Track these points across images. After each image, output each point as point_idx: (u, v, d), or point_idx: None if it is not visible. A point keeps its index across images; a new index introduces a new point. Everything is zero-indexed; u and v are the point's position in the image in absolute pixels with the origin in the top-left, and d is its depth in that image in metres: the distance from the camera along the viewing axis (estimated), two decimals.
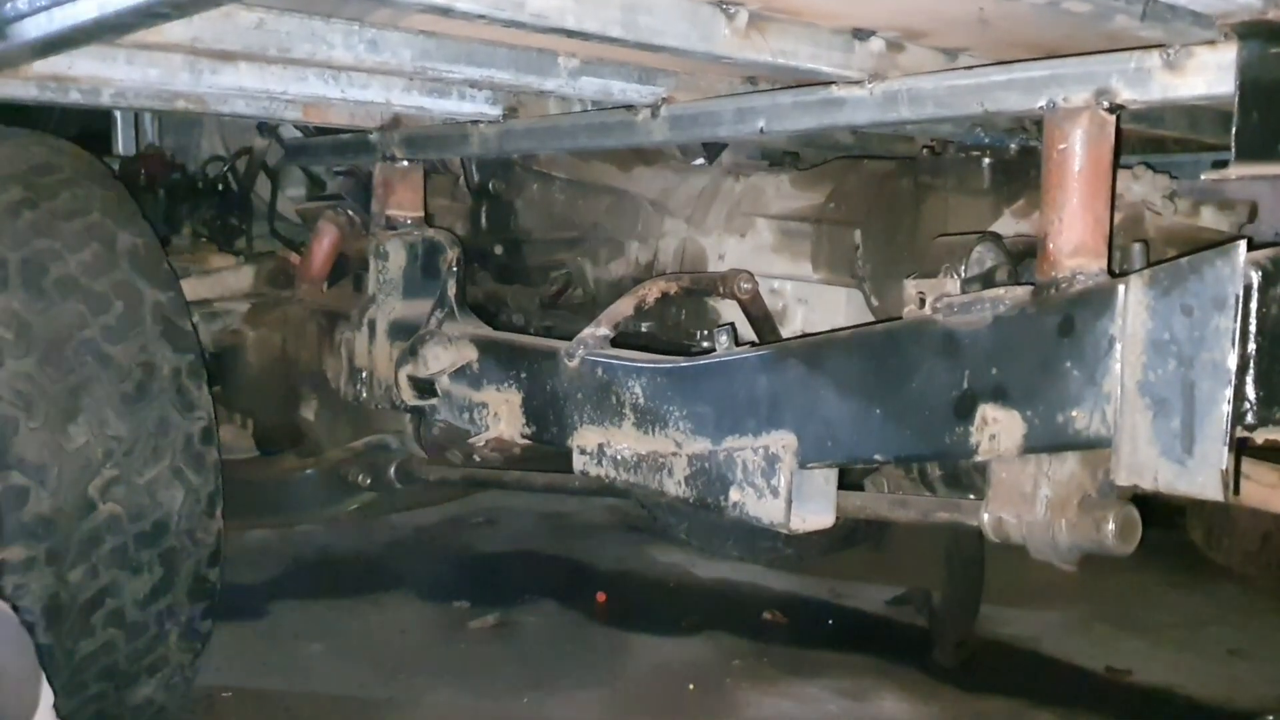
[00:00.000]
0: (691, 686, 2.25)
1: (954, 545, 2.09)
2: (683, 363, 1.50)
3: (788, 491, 1.39)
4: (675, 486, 1.50)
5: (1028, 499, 1.31)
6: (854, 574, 2.84)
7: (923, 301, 1.33)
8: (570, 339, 1.60)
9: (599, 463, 1.59)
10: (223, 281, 2.15)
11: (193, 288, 2.00)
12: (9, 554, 1.52)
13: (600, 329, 1.61)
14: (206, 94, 1.71)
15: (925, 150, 1.77)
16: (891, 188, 1.76)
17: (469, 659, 2.36)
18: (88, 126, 2.65)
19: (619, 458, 1.55)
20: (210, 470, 1.74)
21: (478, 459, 1.96)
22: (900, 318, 1.35)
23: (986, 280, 1.32)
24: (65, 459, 1.58)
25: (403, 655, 2.34)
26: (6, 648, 1.16)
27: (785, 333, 1.82)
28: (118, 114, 2.82)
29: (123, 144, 2.56)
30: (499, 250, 2.14)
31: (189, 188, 2.32)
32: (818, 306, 1.89)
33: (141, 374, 1.66)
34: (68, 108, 1.86)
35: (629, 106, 1.55)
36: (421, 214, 1.91)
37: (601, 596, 2.70)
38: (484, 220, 2.14)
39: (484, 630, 2.49)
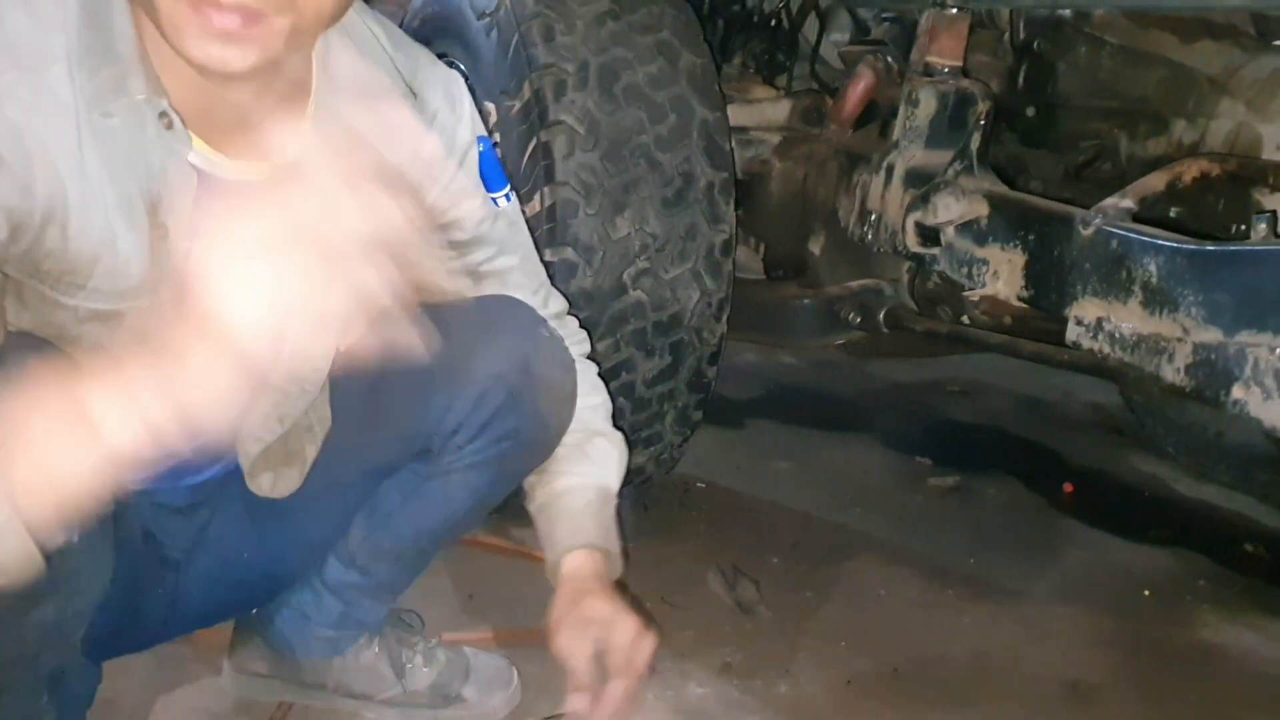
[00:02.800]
0: (1147, 593, 2.18)
1: None
2: (1209, 246, 1.42)
3: None
4: (1173, 373, 1.45)
5: None
6: None
7: None
8: None
9: (1094, 336, 1.57)
10: (761, 112, 2.29)
11: (734, 114, 2.16)
12: None
13: (1124, 201, 1.56)
14: None
15: None
16: None
17: (923, 511, 2.44)
18: None
19: (1117, 334, 1.52)
20: (724, 280, 1.92)
21: (966, 320, 1.99)
22: None
23: None
24: (610, 246, 1.81)
25: (860, 491, 2.47)
26: (557, 369, 1.36)
27: None
28: None
29: None
30: (1030, 113, 2.10)
31: (745, 21, 2.47)
32: None
33: (682, 182, 1.85)
34: None
35: None
36: (960, 64, 1.92)
37: (1069, 487, 2.63)
38: (1021, 80, 2.10)
39: (942, 489, 2.54)
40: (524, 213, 1.72)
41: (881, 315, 2.12)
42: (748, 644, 1.81)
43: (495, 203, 1.35)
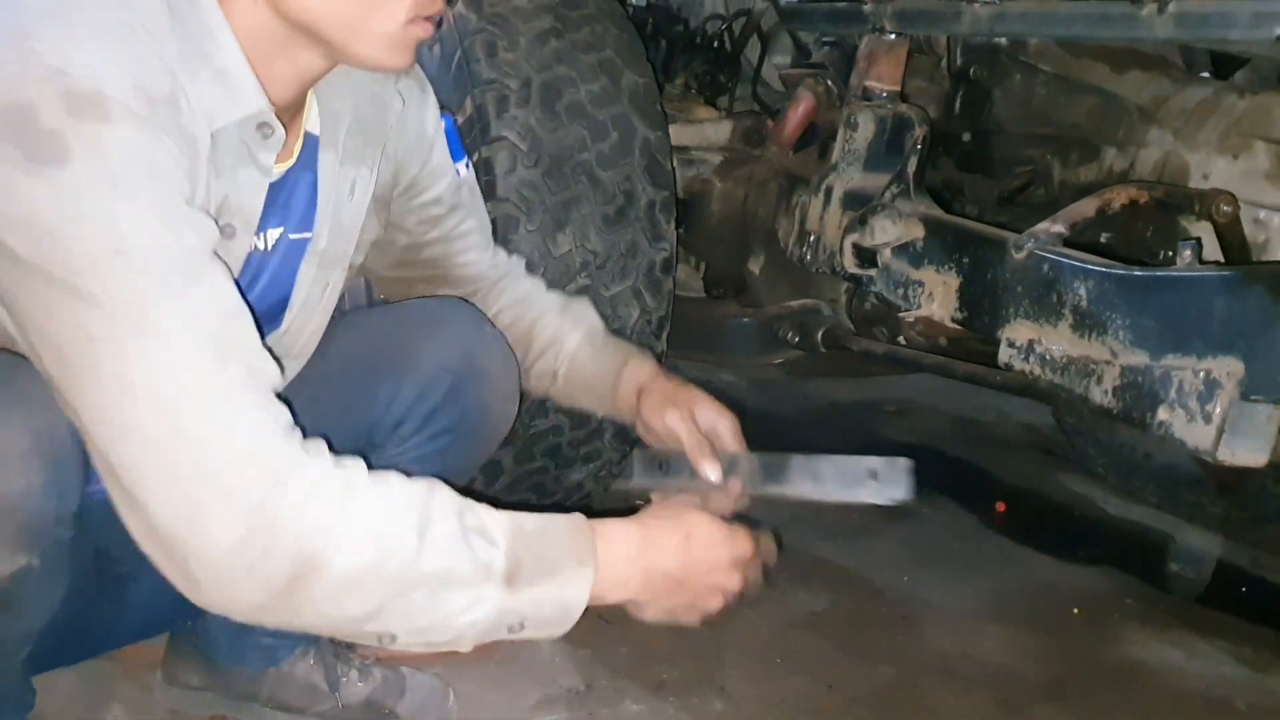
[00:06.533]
0: (1076, 611, 2.22)
1: None
2: (1136, 271, 1.46)
3: (1222, 419, 1.34)
4: (1101, 395, 1.48)
5: None
6: None
7: None
8: None
9: (1026, 358, 1.59)
10: (702, 132, 2.31)
11: (676, 134, 2.17)
12: None
13: (1055, 226, 1.59)
14: None
15: None
16: None
17: (858, 528, 2.46)
18: None
19: (1048, 356, 1.55)
20: (665, 298, 1.92)
21: (902, 340, 2.01)
22: None
23: None
24: (550, 262, 1.81)
25: (796, 509, 2.43)
26: (499, 363, 1.39)
27: None
28: None
29: None
30: (966, 138, 2.13)
31: (688, 42, 2.49)
32: None
33: (623, 200, 1.85)
34: None
35: None
36: (898, 89, 1.95)
37: (1001, 506, 2.68)
38: (958, 106, 2.14)
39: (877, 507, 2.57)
40: None
41: (819, 335, 2.14)
42: (683, 661, 1.81)
43: (458, 172, 1.44)
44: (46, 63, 0.89)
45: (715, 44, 2.46)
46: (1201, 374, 1.36)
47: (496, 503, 1.06)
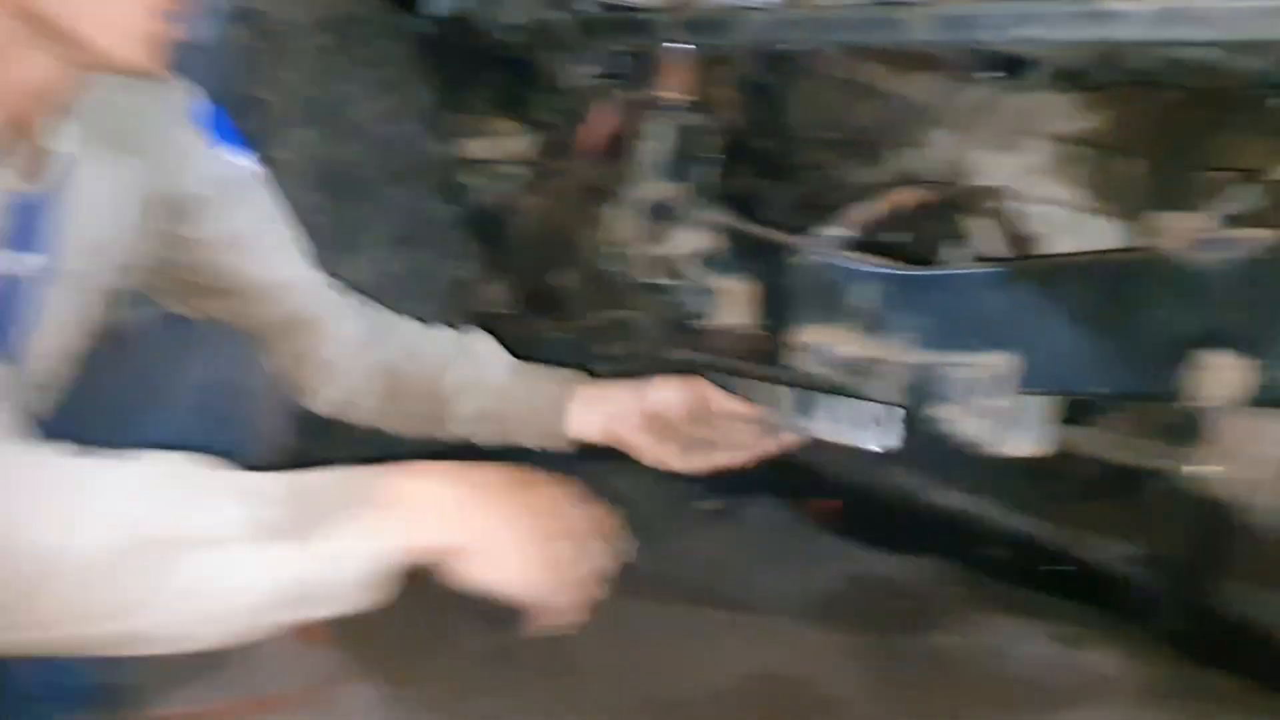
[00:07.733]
0: (904, 602, 2.26)
1: (1198, 506, 1.97)
2: (912, 271, 1.48)
3: (999, 414, 1.37)
4: (885, 393, 1.50)
5: (1251, 457, 1.24)
6: (1100, 528, 2.70)
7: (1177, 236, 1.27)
8: None
9: (817, 361, 1.61)
10: (503, 146, 2.28)
11: (476, 148, 2.14)
12: None
13: (839, 229, 1.61)
14: None
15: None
16: (1180, 120, 1.65)
17: (687, 536, 2.46)
18: None
19: (835, 358, 1.57)
20: (469, 317, 1.88)
21: (710, 348, 2.01)
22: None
23: (1243, 221, 1.24)
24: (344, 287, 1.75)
25: (632, 515, 2.44)
26: (262, 382, 1.37)
27: None
28: None
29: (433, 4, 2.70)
30: (761, 145, 2.15)
31: (486, 53, 2.44)
32: (1083, 236, 1.80)
33: (415, 220, 1.82)
34: None
35: (899, 3, 1.52)
36: (691, 99, 1.95)
37: (828, 503, 2.71)
38: (753, 113, 2.15)
39: (707, 511, 2.58)
40: None
41: (635, 347, 2.12)
42: (507, 690, 1.77)
43: (229, 165, 1.34)
44: None
45: (515, 56, 2.42)
46: (978, 369, 1.39)
47: None
